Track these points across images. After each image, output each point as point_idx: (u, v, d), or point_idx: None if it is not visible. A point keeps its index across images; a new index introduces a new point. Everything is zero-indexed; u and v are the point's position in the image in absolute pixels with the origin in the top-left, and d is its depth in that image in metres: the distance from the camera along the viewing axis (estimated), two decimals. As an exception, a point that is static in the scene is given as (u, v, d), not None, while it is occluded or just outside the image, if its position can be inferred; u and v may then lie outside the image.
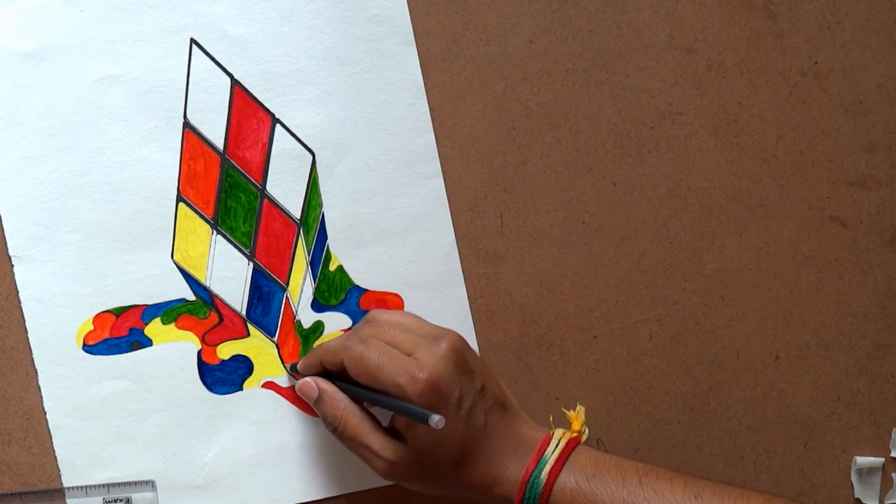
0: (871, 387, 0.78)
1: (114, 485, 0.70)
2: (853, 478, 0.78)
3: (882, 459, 0.78)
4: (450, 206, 0.74)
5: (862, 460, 0.78)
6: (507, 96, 0.74)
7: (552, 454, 0.67)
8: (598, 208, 0.75)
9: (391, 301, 0.74)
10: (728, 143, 0.76)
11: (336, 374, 0.69)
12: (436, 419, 0.62)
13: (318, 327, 0.73)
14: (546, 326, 0.75)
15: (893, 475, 0.78)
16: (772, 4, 0.76)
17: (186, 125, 0.70)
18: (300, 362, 0.71)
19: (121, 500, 0.70)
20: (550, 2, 0.74)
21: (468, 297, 0.74)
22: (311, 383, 0.69)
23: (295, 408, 0.72)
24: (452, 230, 0.74)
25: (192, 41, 0.70)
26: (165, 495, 0.70)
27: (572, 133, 0.75)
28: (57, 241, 0.69)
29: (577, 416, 0.73)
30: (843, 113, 0.77)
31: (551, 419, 0.74)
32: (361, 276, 0.73)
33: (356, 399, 0.68)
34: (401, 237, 0.73)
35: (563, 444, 0.68)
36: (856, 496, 0.78)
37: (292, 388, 0.72)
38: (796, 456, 0.78)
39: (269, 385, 0.72)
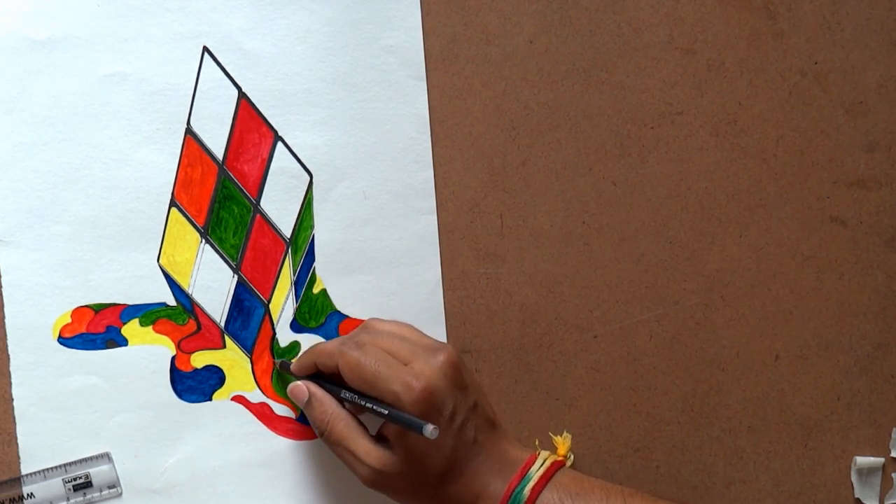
0: (871, 387, 0.78)
1: (70, 464, 0.69)
2: (853, 478, 0.78)
3: (882, 459, 0.78)
4: (450, 206, 0.74)
5: (862, 460, 0.78)
6: (507, 96, 0.74)
7: (536, 472, 0.68)
8: (598, 208, 0.75)
9: None
10: (728, 143, 0.76)
11: (328, 377, 0.69)
12: (430, 429, 0.62)
13: (294, 347, 0.73)
14: (546, 326, 0.75)
15: (893, 475, 0.78)
16: (772, 4, 0.76)
17: (188, 131, 0.70)
18: (293, 362, 0.71)
19: (80, 478, 0.69)
20: (550, 2, 0.74)
21: (468, 298, 0.74)
22: (302, 387, 0.69)
23: (262, 425, 0.72)
24: (440, 268, 0.74)
25: (205, 49, 0.70)
26: (123, 495, 0.71)
27: (572, 133, 0.75)
28: (45, 230, 0.69)
29: (564, 441, 0.74)
30: (843, 113, 0.77)
31: (537, 442, 0.75)
32: (344, 302, 0.73)
33: (350, 405, 0.68)
34: (388, 268, 0.73)
35: (547, 464, 0.68)
36: (856, 496, 0.78)
37: (261, 404, 0.72)
38: (796, 456, 0.78)
39: (239, 399, 0.72)
